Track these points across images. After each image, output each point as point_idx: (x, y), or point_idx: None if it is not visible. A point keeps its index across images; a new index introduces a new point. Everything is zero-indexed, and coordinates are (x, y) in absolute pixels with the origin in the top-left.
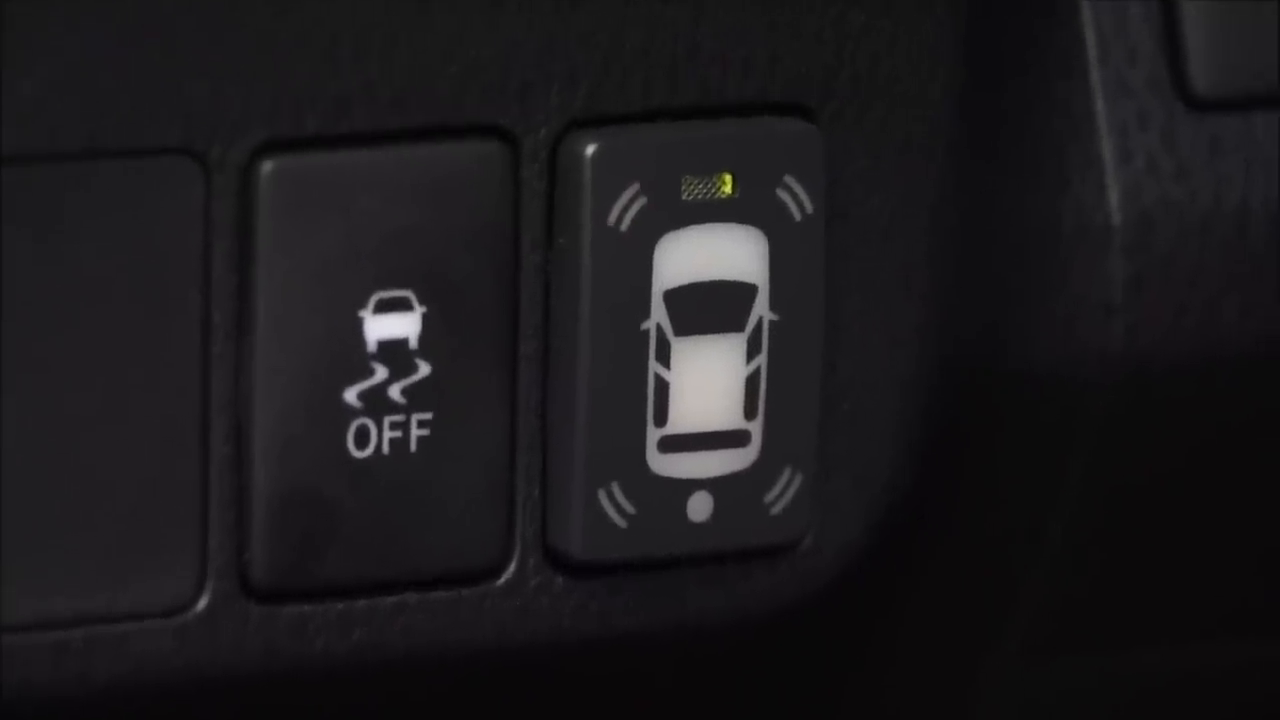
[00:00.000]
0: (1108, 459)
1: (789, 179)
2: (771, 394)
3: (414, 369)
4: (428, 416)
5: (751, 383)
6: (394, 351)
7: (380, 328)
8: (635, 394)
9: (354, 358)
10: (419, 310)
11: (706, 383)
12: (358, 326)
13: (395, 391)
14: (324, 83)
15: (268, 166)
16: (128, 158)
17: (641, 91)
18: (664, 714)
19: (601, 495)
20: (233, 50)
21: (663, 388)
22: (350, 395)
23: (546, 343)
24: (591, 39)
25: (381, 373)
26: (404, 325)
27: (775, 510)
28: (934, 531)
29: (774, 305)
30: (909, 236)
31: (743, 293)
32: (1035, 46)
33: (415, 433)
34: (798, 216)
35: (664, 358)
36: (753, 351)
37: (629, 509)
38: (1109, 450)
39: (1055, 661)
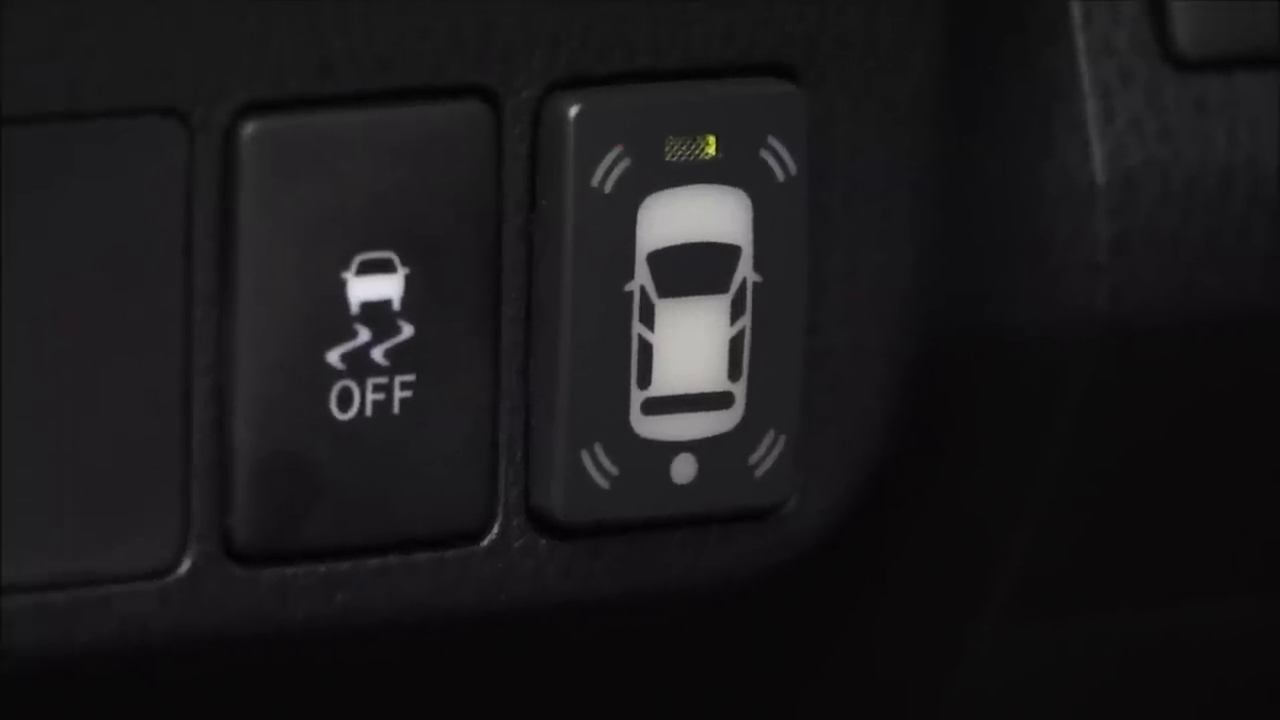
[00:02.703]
0: (1092, 420)
1: (772, 140)
2: (755, 356)
3: (397, 330)
4: (411, 378)
5: (735, 344)
6: (377, 313)
7: (363, 289)
8: (619, 356)
9: (336, 319)
10: (402, 272)
11: (690, 344)
12: (340, 288)
13: (378, 353)
14: (307, 44)
15: (250, 128)
16: (109, 118)
17: (625, 53)
18: (647, 676)
19: (585, 457)
20: (216, 11)
21: (646, 349)
22: (333, 357)
23: (530, 304)
24: (575, 0)
25: (364, 334)
26: (387, 287)
27: (759, 473)
28: (918, 494)
29: (758, 267)
30: (892, 199)
31: (726, 254)
32: (1019, 9)
33: (398, 394)
34: (781, 178)
35: (648, 319)
36: (736, 313)
37: (612, 471)
38: (1093, 411)
39: (1040, 624)
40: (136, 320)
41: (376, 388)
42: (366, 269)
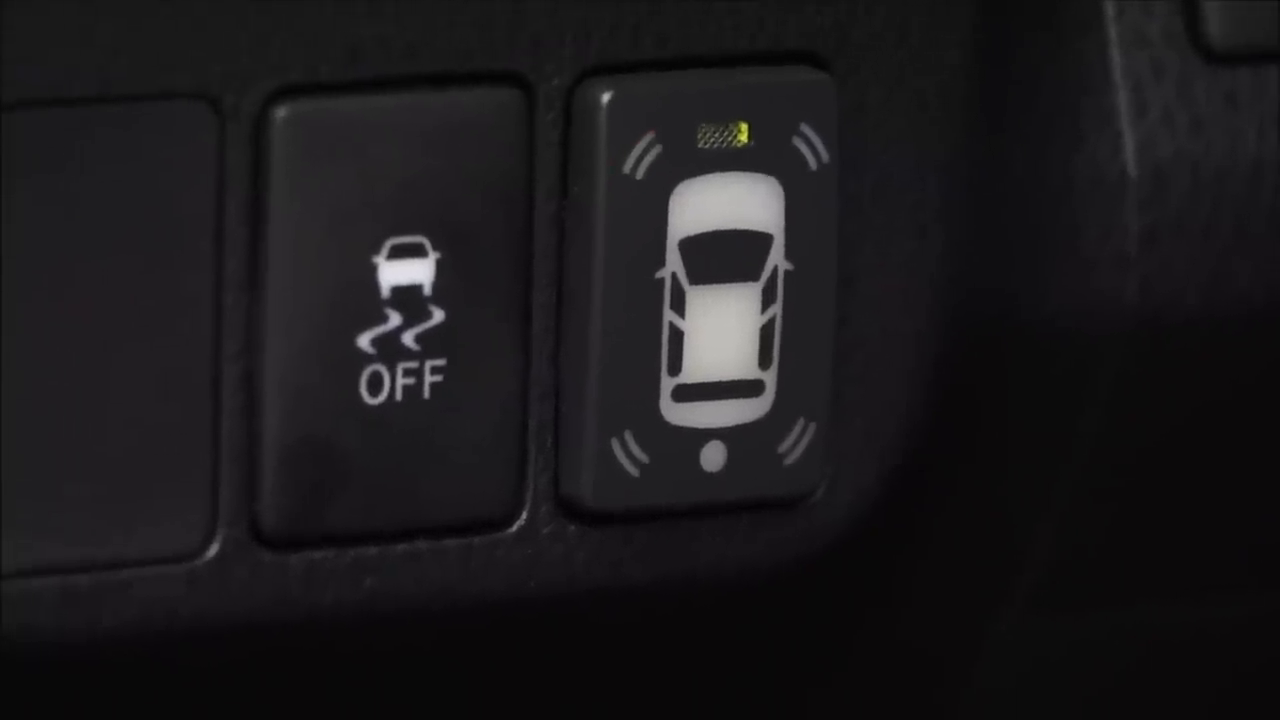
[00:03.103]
0: (1120, 412)
1: (805, 128)
2: (786, 344)
3: (428, 315)
4: (441, 363)
5: (766, 332)
6: (408, 298)
7: (394, 274)
8: (649, 343)
9: (367, 304)
10: (433, 256)
11: (721, 332)
12: (371, 272)
13: (409, 338)
14: (338, 29)
15: (282, 113)
16: (141, 103)
17: (657, 40)
18: (674, 663)
19: (615, 444)
20: None
21: (677, 336)
22: (363, 341)
23: (561, 290)
24: None
25: (395, 319)
26: (418, 271)
27: (788, 461)
28: (946, 483)
29: (789, 255)
30: (923, 189)
31: (758, 242)
32: (1051, 1)
33: (429, 379)
34: (813, 166)
35: (679, 306)
36: (767, 301)
37: (642, 458)
38: (1121, 403)
39: (1066, 615)
40: (166, 305)
41: (407, 372)
42: (398, 253)
